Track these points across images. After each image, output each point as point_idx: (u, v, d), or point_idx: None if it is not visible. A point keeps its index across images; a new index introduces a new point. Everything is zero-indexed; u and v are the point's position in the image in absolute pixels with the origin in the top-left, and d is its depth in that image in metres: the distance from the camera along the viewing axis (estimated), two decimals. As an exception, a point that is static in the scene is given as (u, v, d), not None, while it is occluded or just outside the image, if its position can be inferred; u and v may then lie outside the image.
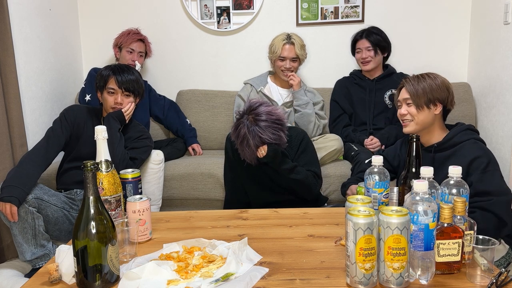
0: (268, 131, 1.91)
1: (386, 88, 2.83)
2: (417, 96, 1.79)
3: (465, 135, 1.77)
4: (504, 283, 1.09)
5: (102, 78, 2.22)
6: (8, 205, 1.87)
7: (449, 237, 1.14)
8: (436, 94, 1.78)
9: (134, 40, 2.87)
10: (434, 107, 1.79)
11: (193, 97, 3.15)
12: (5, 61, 2.28)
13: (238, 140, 1.96)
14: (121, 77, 2.20)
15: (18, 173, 1.96)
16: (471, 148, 1.72)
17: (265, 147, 1.94)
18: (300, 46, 2.78)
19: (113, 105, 2.21)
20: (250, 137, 1.91)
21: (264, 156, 1.95)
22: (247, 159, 1.99)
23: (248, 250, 1.32)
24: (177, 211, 2.28)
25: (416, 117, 1.81)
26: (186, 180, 2.63)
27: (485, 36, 2.93)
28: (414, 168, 1.41)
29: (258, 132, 1.90)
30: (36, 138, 2.54)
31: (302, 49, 2.79)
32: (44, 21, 2.80)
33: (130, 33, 2.89)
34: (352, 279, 1.10)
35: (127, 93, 2.22)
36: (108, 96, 2.21)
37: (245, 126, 1.92)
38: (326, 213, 1.75)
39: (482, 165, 1.66)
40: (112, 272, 1.15)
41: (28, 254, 1.99)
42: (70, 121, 2.20)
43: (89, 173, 1.12)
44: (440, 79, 1.82)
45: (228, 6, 3.18)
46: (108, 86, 2.20)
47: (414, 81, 1.82)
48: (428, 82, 1.80)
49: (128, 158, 2.15)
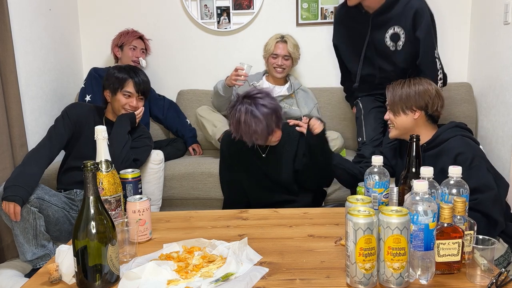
0: (266, 100, 1.88)
1: (387, 25, 2.29)
2: (393, 103, 1.83)
3: (452, 132, 1.77)
4: (504, 283, 1.09)
5: (118, 80, 2.22)
6: (12, 204, 1.87)
7: (449, 237, 1.14)
8: (412, 101, 1.79)
9: (134, 37, 2.93)
10: (412, 113, 1.80)
11: (194, 97, 3.15)
12: (5, 61, 2.28)
13: (241, 123, 1.85)
14: (139, 81, 2.23)
15: (22, 172, 1.96)
16: (455, 143, 1.72)
17: (318, 122, 1.94)
18: (293, 45, 2.84)
19: (125, 106, 2.22)
20: (253, 108, 1.84)
21: (321, 131, 1.94)
22: (258, 139, 1.89)
23: (248, 250, 1.32)
24: (177, 211, 2.28)
25: (394, 122, 1.85)
26: (186, 180, 2.63)
27: (485, 36, 2.93)
28: (414, 168, 1.41)
29: (258, 101, 1.86)
30: (36, 138, 2.54)
31: (295, 48, 2.85)
32: (44, 21, 2.80)
33: (129, 32, 2.95)
34: (352, 279, 1.10)
35: (141, 97, 2.27)
36: (122, 98, 2.22)
37: (243, 105, 1.86)
38: (326, 213, 1.75)
39: (467, 161, 1.64)
40: (112, 272, 1.15)
41: (29, 254, 1.99)
42: (73, 119, 2.19)
43: (89, 173, 1.12)
44: (423, 86, 1.81)
45: (228, 6, 3.18)
46: (125, 89, 2.21)
47: (394, 88, 1.85)
48: (405, 90, 1.81)
49: (131, 159, 2.15)
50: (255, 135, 1.87)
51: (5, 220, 2.01)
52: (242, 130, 1.87)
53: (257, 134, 1.87)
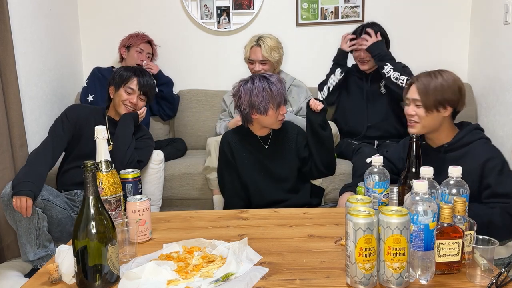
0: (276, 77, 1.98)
1: (381, 78, 2.74)
2: (426, 98, 1.68)
3: (475, 134, 1.74)
4: (504, 283, 1.09)
5: (122, 76, 2.24)
6: (24, 199, 1.87)
7: (449, 237, 1.14)
8: (447, 95, 1.67)
9: (143, 41, 2.95)
10: (444, 109, 1.70)
11: (193, 97, 3.15)
12: (5, 61, 2.28)
13: (256, 87, 1.93)
14: (143, 80, 2.25)
15: (29, 171, 1.98)
16: (483, 148, 1.70)
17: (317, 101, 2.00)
18: (269, 48, 2.66)
19: (125, 102, 2.23)
20: (267, 77, 1.96)
21: (322, 109, 1.99)
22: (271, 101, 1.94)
23: (248, 250, 1.32)
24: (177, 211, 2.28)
25: (423, 120, 1.72)
26: (186, 180, 2.63)
27: (485, 36, 2.93)
28: (414, 168, 1.41)
29: (269, 76, 1.97)
30: (36, 138, 2.54)
31: (271, 51, 2.66)
32: (44, 21, 2.80)
33: (139, 35, 2.97)
34: (352, 279, 1.10)
35: (143, 96, 2.27)
36: (124, 93, 2.23)
37: (256, 77, 1.97)
38: (326, 213, 1.75)
39: (497, 166, 1.65)
40: (112, 272, 1.15)
41: (31, 254, 1.99)
42: (72, 121, 2.20)
43: (89, 173, 1.12)
44: (452, 77, 1.70)
45: (228, 6, 3.18)
46: (128, 85, 2.23)
47: (426, 80, 1.70)
48: (440, 81, 1.67)
49: (136, 161, 2.16)
50: (271, 95, 1.94)
51: (9, 221, 2.02)
52: (257, 92, 1.93)
53: (273, 94, 1.94)
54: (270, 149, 2.07)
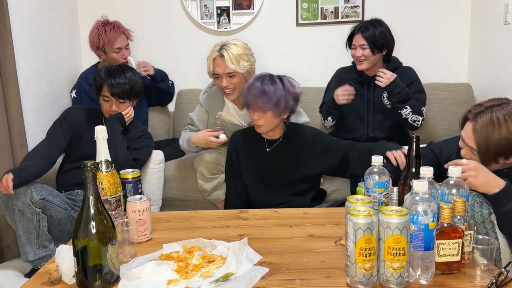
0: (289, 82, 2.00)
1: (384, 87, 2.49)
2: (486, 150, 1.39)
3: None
4: (504, 283, 1.09)
5: (96, 84, 2.18)
6: (4, 176, 1.89)
7: (449, 237, 1.14)
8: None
9: (115, 37, 2.63)
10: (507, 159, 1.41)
11: (193, 97, 3.14)
12: (5, 61, 2.28)
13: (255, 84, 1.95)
14: (113, 84, 2.12)
15: (15, 168, 2.02)
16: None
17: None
18: (234, 57, 2.21)
19: (109, 112, 2.19)
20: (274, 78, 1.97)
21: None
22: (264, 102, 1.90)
23: (248, 250, 1.32)
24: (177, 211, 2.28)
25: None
26: (186, 180, 2.62)
27: (485, 36, 2.93)
28: (414, 168, 1.41)
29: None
30: (36, 138, 2.54)
31: (239, 61, 2.23)
32: (44, 21, 2.80)
33: (107, 31, 2.62)
34: (352, 279, 1.10)
35: (121, 100, 2.17)
36: (104, 103, 2.19)
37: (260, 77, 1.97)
38: (326, 213, 1.75)
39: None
40: (112, 272, 1.15)
41: (31, 254, 1.99)
42: (71, 123, 2.20)
43: (89, 173, 1.12)
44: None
45: (228, 6, 3.18)
46: (103, 94, 2.17)
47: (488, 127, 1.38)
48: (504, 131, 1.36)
49: (131, 159, 2.15)
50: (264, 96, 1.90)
51: (9, 221, 2.02)
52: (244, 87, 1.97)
53: (265, 95, 1.89)
54: (271, 153, 2.06)
